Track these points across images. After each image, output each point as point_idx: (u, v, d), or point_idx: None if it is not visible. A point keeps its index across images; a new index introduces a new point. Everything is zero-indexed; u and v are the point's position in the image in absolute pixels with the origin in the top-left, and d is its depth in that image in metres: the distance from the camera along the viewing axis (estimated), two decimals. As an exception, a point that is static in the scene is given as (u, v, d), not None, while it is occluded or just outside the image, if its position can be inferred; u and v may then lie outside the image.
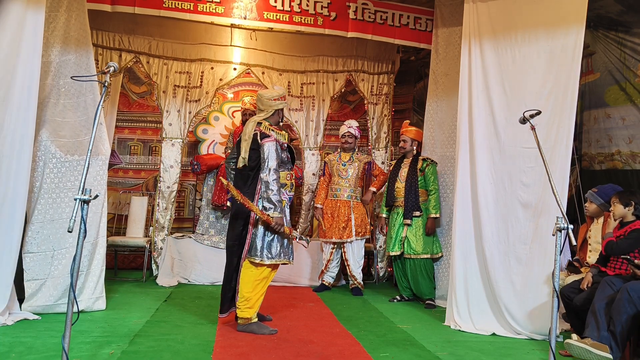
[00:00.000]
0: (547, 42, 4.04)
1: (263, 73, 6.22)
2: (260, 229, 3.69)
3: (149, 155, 6.74)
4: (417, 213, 5.04)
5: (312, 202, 6.03)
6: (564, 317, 3.79)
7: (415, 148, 5.26)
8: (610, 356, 2.97)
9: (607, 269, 3.52)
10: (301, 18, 5.25)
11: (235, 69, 6.14)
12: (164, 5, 4.89)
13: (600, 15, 5.15)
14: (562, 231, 2.60)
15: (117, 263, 6.03)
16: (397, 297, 5.19)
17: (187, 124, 5.95)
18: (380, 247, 6.23)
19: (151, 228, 5.83)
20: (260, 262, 3.66)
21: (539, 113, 3.04)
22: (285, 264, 3.82)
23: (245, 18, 5.14)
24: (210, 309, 4.36)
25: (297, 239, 3.94)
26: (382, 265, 6.25)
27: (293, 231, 3.84)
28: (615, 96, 5.10)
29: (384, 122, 6.39)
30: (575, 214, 4.95)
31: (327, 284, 5.57)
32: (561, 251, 2.62)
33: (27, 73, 3.74)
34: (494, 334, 3.97)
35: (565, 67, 3.95)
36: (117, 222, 6.28)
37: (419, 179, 5.08)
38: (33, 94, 3.76)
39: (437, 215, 5.03)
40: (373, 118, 6.37)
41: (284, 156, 3.82)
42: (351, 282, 5.48)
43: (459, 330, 4.06)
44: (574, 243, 2.59)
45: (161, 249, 5.74)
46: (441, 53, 5.42)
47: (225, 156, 3.94)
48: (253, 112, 5.74)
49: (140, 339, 3.43)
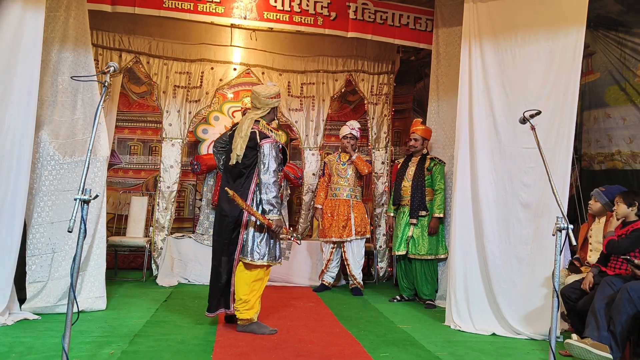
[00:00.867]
0: (547, 42, 4.03)
1: (263, 73, 6.22)
2: (251, 230, 3.68)
3: (149, 155, 6.75)
4: (423, 213, 5.03)
5: (312, 202, 6.03)
6: (564, 316, 3.79)
7: (424, 147, 5.25)
8: (610, 356, 2.97)
9: (607, 268, 3.52)
10: (301, 18, 5.25)
11: (235, 69, 6.14)
12: (164, 5, 4.89)
13: (600, 15, 5.15)
14: (562, 231, 2.59)
15: (117, 263, 6.03)
16: (397, 297, 5.19)
17: (187, 124, 5.95)
18: (380, 247, 6.23)
19: (151, 228, 5.84)
20: (251, 262, 3.65)
21: (539, 113, 3.04)
22: (271, 265, 3.77)
23: (245, 18, 5.14)
24: (210, 309, 4.37)
25: (292, 238, 3.93)
26: (382, 265, 6.25)
27: (289, 231, 3.83)
28: (615, 96, 5.10)
29: (384, 122, 6.39)
30: (575, 213, 4.95)
31: (327, 284, 5.57)
32: (561, 251, 2.62)
33: (27, 72, 3.75)
34: (494, 334, 3.97)
35: (565, 67, 3.95)
36: (117, 222, 6.28)
37: (425, 178, 5.07)
38: (33, 93, 3.76)
39: (441, 215, 5.02)
40: (373, 118, 6.37)
41: (280, 157, 3.81)
42: (351, 282, 5.48)
43: (459, 330, 4.06)
44: (574, 243, 2.59)
45: (161, 249, 5.74)
46: (441, 53, 5.42)
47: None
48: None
49: (140, 339, 3.43)
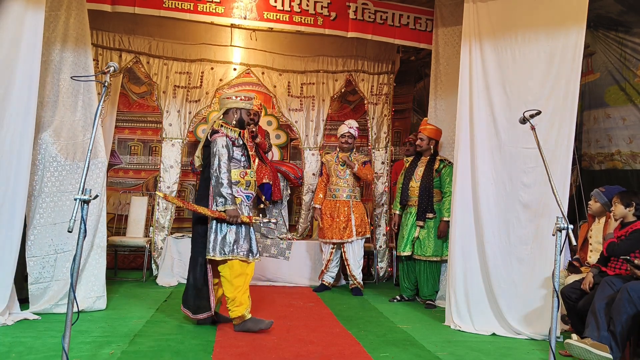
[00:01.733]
0: (547, 42, 4.03)
1: (263, 73, 6.22)
2: (213, 223, 3.69)
3: (149, 155, 6.75)
4: (430, 215, 4.98)
5: (312, 202, 6.03)
6: (563, 318, 3.78)
7: (432, 147, 5.16)
8: (610, 356, 2.97)
9: (607, 269, 3.52)
10: (301, 18, 5.25)
11: (235, 69, 6.14)
12: (164, 5, 4.89)
13: (600, 15, 5.15)
14: (562, 231, 2.60)
15: (117, 263, 6.03)
16: (397, 297, 5.18)
17: (187, 124, 5.95)
18: (380, 247, 6.23)
19: (151, 228, 5.84)
20: (213, 257, 3.65)
21: (539, 113, 3.04)
22: (245, 262, 3.72)
23: (245, 18, 5.13)
24: (210, 309, 4.36)
25: (262, 224, 3.91)
26: (382, 265, 6.25)
27: (254, 218, 3.81)
28: (615, 96, 5.10)
29: (384, 122, 6.39)
30: (575, 214, 4.95)
31: (327, 284, 5.57)
32: (561, 251, 2.62)
33: (27, 72, 3.74)
34: (493, 334, 3.97)
35: (565, 67, 3.94)
36: (117, 222, 6.28)
37: (434, 180, 5.03)
38: (33, 93, 3.76)
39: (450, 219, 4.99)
40: (373, 118, 6.37)
41: (237, 153, 3.78)
42: (351, 282, 5.47)
43: (459, 330, 4.06)
44: (574, 243, 2.59)
45: (161, 249, 5.74)
46: (441, 53, 5.42)
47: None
48: (256, 112, 5.75)
49: (140, 339, 3.43)
